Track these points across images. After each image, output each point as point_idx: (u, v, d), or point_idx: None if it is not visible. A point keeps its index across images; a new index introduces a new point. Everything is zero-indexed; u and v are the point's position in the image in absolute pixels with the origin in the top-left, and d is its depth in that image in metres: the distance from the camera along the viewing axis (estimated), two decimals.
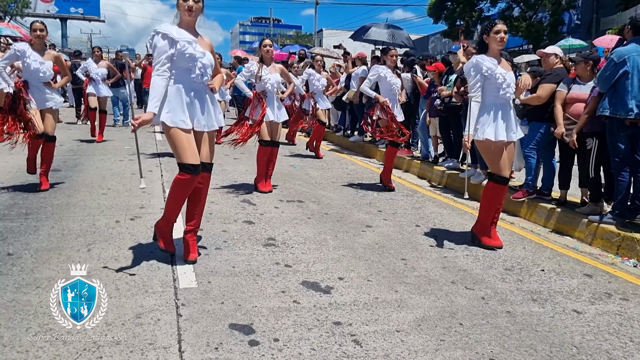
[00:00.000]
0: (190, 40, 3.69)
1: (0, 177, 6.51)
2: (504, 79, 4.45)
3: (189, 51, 3.65)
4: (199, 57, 3.72)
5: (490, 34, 4.47)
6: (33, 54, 5.68)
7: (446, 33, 28.38)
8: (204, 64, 3.75)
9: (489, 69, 4.42)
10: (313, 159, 9.50)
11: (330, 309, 3.29)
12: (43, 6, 45.27)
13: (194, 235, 4.03)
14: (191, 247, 3.97)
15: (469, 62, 4.59)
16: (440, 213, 5.98)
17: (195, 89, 3.80)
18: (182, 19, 3.76)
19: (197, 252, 3.99)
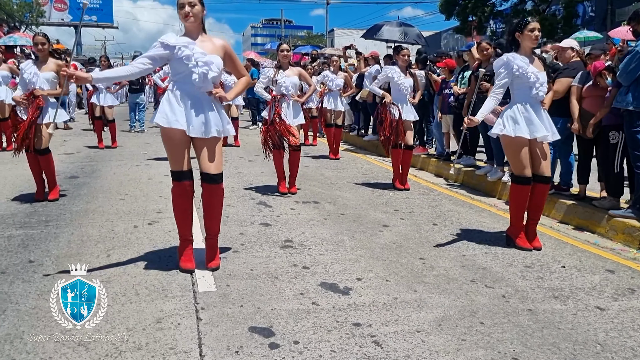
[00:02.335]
0: (186, 44, 3.61)
1: (20, 186, 6.60)
2: (536, 77, 4.35)
3: (185, 53, 3.58)
4: (198, 57, 3.60)
5: (524, 32, 4.36)
6: (31, 67, 5.69)
7: (458, 29, 28.20)
8: (205, 62, 3.61)
9: (520, 68, 4.33)
10: (328, 159, 9.49)
11: (349, 310, 3.28)
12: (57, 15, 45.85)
13: (214, 243, 3.97)
14: (212, 255, 3.93)
15: (499, 60, 4.50)
16: (458, 211, 5.93)
17: (196, 96, 3.68)
18: (184, 26, 3.73)
19: (218, 260, 3.95)
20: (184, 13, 3.62)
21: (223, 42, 3.84)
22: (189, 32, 3.72)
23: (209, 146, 3.77)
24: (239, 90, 4.11)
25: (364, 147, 11.12)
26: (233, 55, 3.90)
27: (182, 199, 3.82)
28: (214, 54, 3.70)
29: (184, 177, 3.76)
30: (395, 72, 6.68)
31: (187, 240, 3.92)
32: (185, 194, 3.80)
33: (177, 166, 3.75)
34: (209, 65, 3.62)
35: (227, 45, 3.85)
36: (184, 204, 3.83)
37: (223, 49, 3.80)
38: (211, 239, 3.97)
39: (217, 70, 3.68)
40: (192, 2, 3.63)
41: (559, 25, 23.16)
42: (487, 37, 18.35)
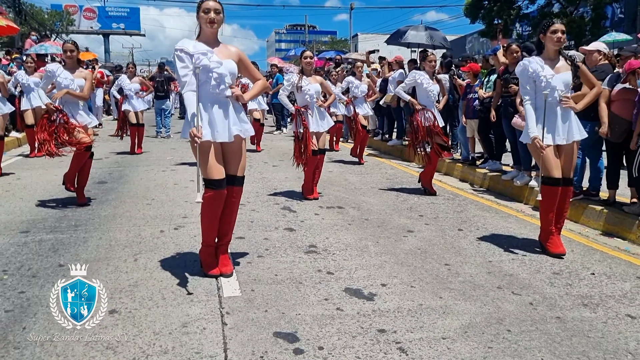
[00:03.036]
0: (205, 52, 3.66)
1: (50, 191, 6.75)
2: (547, 82, 4.30)
3: (203, 63, 3.61)
4: (214, 67, 3.64)
5: (547, 34, 4.33)
6: (64, 72, 5.85)
7: (484, 32, 27.95)
8: (220, 74, 3.67)
9: (534, 71, 4.31)
10: (352, 164, 9.48)
11: (374, 316, 3.27)
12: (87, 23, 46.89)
13: (226, 247, 4.00)
14: (224, 261, 3.94)
15: (519, 65, 4.49)
16: (483, 216, 5.87)
17: (216, 101, 3.73)
18: (203, 31, 3.75)
19: (231, 266, 3.95)
20: (209, 18, 3.67)
21: (236, 49, 3.93)
22: (207, 38, 3.76)
23: (232, 149, 3.83)
24: (255, 92, 4.15)
25: (388, 152, 11.08)
26: (246, 61, 3.98)
27: (216, 207, 3.81)
28: (230, 59, 3.78)
29: (221, 185, 3.76)
30: (424, 78, 6.67)
31: (211, 246, 3.95)
32: (219, 202, 3.81)
33: (214, 174, 3.75)
34: (223, 77, 3.69)
35: (240, 52, 3.93)
36: (215, 211, 3.83)
37: (237, 54, 3.88)
38: (225, 244, 3.99)
39: (230, 80, 3.75)
40: (218, 10, 3.70)
41: (587, 28, 22.77)
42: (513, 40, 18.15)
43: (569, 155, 4.50)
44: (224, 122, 3.72)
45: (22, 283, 3.69)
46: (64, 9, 43.55)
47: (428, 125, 6.66)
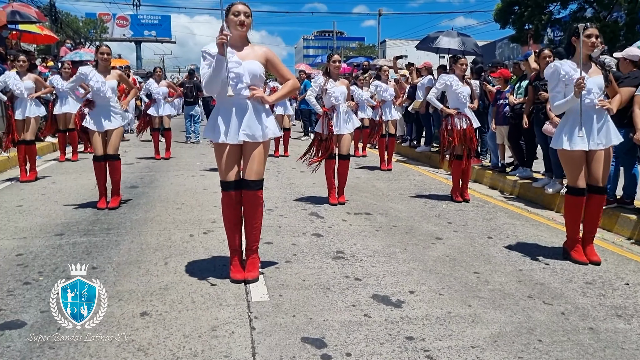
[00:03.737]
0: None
1: (84, 194, 6.91)
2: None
3: None
4: (232, 67, 3.66)
5: (581, 38, 4.27)
6: (96, 75, 6.00)
7: (514, 38, 27.61)
8: (237, 74, 3.69)
9: (566, 74, 4.24)
10: (380, 170, 9.46)
11: (402, 323, 3.26)
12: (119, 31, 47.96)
13: (252, 254, 4.01)
14: (250, 266, 3.96)
15: (548, 68, 4.43)
16: (513, 224, 5.79)
17: (234, 102, 3.74)
18: (232, 34, 3.75)
19: (257, 272, 3.96)
20: (238, 20, 3.71)
21: (265, 49, 3.92)
22: (234, 40, 3.78)
23: (247, 152, 3.84)
24: (284, 93, 4.08)
25: (416, 158, 11.02)
26: (275, 60, 3.93)
27: (229, 209, 3.90)
28: (255, 60, 3.77)
29: (229, 187, 3.84)
30: (454, 80, 6.65)
31: (236, 250, 3.99)
32: (231, 204, 3.88)
33: (223, 176, 3.86)
34: (240, 77, 3.70)
35: (268, 52, 3.91)
36: (231, 214, 3.91)
37: (264, 55, 3.87)
38: (249, 249, 4.01)
39: (248, 80, 3.74)
40: (247, 13, 3.75)
41: (621, 33, 22.29)
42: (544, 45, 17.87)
43: (604, 162, 4.40)
44: (236, 124, 3.75)
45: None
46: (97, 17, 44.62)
47: (465, 129, 6.60)
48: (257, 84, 3.82)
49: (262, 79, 3.91)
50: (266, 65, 3.88)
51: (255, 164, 3.83)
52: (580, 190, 4.38)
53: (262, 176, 3.90)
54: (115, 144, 6.12)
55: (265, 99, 3.84)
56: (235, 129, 3.75)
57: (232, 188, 3.85)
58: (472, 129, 6.70)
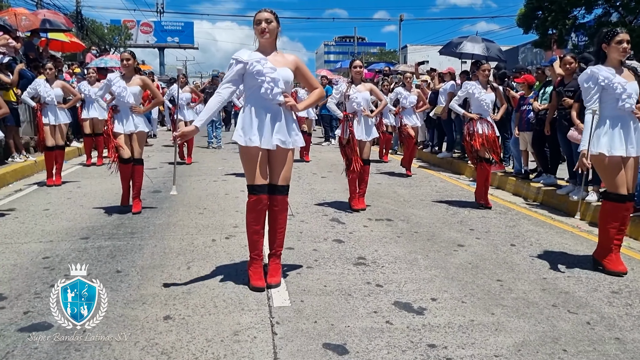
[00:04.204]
0: (259, 59, 3.74)
1: (108, 199, 7.01)
2: (623, 88, 4.14)
3: (256, 68, 3.70)
4: (267, 72, 3.71)
5: (611, 44, 4.18)
6: (119, 81, 6.12)
7: (537, 43, 27.31)
8: (272, 78, 3.72)
9: (605, 78, 4.16)
10: (401, 176, 9.43)
11: (424, 330, 3.24)
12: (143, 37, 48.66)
13: (276, 259, 4.03)
14: (273, 271, 3.98)
15: (584, 74, 4.34)
16: (537, 232, 5.71)
17: (268, 108, 3.79)
18: (259, 42, 3.86)
19: (279, 277, 3.98)
20: (260, 29, 3.76)
21: (294, 57, 3.96)
22: (263, 48, 3.85)
23: (276, 158, 3.87)
24: (312, 101, 4.19)
25: (438, 164, 10.96)
26: (304, 69, 3.98)
27: (255, 212, 3.90)
28: (286, 67, 3.82)
29: (257, 191, 3.86)
30: (476, 88, 6.60)
31: (258, 257, 3.99)
32: (258, 208, 3.89)
33: (250, 180, 3.87)
34: (276, 82, 3.74)
35: (298, 60, 3.95)
36: (255, 217, 3.91)
37: (294, 62, 3.91)
38: (273, 254, 4.04)
39: (283, 86, 3.77)
40: (269, 19, 3.78)
41: None
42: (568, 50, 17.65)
43: (634, 169, 4.33)
44: (270, 130, 3.78)
45: None
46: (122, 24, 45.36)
47: (487, 134, 6.56)
48: (287, 91, 3.88)
49: (291, 87, 3.98)
50: (295, 73, 3.91)
51: (285, 170, 3.89)
52: (621, 197, 4.27)
53: (289, 182, 3.96)
54: (139, 149, 6.23)
55: (297, 106, 3.90)
56: (269, 134, 3.78)
57: (261, 192, 3.86)
58: (494, 135, 6.64)
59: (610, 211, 4.34)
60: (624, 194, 4.27)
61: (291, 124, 3.88)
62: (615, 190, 4.28)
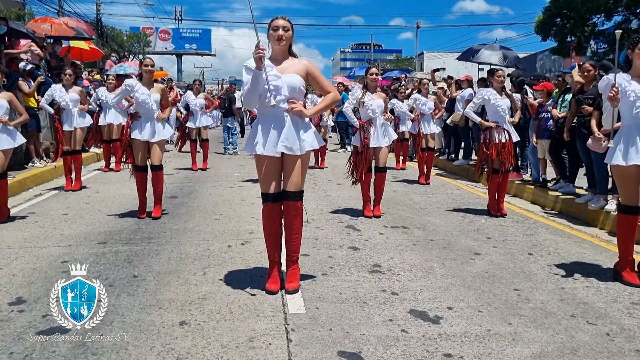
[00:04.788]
0: (265, 67, 3.72)
1: (126, 204, 7.08)
2: (636, 96, 4.09)
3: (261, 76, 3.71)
4: (271, 80, 3.70)
5: (635, 50, 4.13)
6: (141, 87, 6.15)
7: (555, 50, 27.06)
8: (275, 86, 3.72)
9: (619, 86, 4.12)
10: (417, 184, 9.39)
11: (440, 339, 3.21)
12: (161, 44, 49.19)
13: (292, 264, 4.03)
14: (290, 277, 3.99)
15: (602, 81, 4.29)
16: (555, 241, 5.64)
17: (273, 115, 3.79)
18: (272, 48, 3.87)
19: (297, 282, 3.98)
20: (277, 35, 3.78)
21: (306, 62, 3.96)
22: (275, 55, 3.88)
23: (287, 164, 3.88)
24: (324, 106, 4.14)
25: (454, 171, 10.90)
26: (316, 73, 3.95)
27: (269, 220, 3.95)
28: (295, 74, 3.81)
29: (269, 199, 3.90)
30: (492, 94, 6.56)
31: (274, 262, 4.02)
32: (271, 215, 3.92)
33: (264, 188, 3.92)
34: (278, 89, 3.74)
35: (310, 65, 3.95)
36: (271, 225, 3.95)
37: (305, 68, 3.89)
38: (289, 260, 4.04)
39: (286, 93, 3.77)
40: (286, 27, 3.80)
41: None
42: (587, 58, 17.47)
43: None
44: (275, 137, 3.79)
45: None
46: (141, 31, 45.93)
47: (503, 142, 6.51)
48: (296, 97, 3.85)
49: (301, 92, 3.92)
50: (307, 78, 3.91)
51: (295, 176, 3.87)
52: (634, 209, 4.22)
53: (301, 187, 3.94)
54: (159, 155, 6.27)
55: (304, 112, 3.87)
56: (274, 141, 3.78)
57: (272, 200, 3.90)
58: (511, 143, 6.59)
59: (624, 223, 4.29)
60: (635, 205, 4.21)
61: (300, 129, 3.85)
62: (630, 203, 4.23)
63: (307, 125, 3.94)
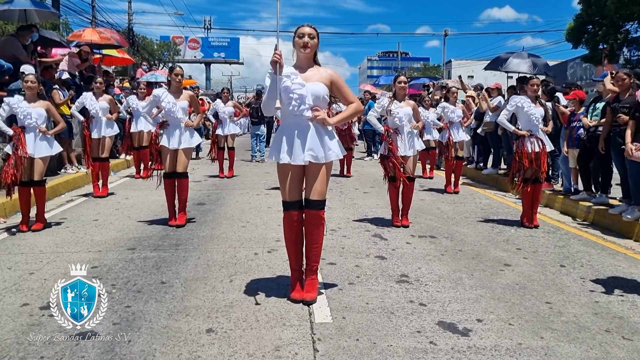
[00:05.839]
0: (289, 74, 3.74)
1: (154, 210, 7.17)
2: None
3: (285, 84, 3.71)
4: (295, 88, 3.71)
5: None
6: (168, 96, 6.22)
7: (587, 58, 26.55)
8: (300, 95, 3.72)
9: None
10: (445, 193, 9.28)
11: (469, 352, 3.14)
12: (191, 53, 49.91)
13: (311, 274, 3.99)
14: (309, 287, 3.95)
15: None
16: (588, 252, 5.50)
17: (297, 124, 3.79)
18: (297, 56, 3.86)
19: (315, 293, 3.93)
20: (302, 42, 3.78)
21: (331, 72, 3.94)
22: (300, 62, 3.88)
23: (310, 173, 3.87)
24: (345, 116, 4.11)
25: (483, 181, 10.75)
26: (340, 83, 3.94)
27: (289, 228, 3.94)
28: (319, 82, 3.80)
29: (290, 207, 3.89)
30: (525, 102, 6.44)
31: (297, 270, 4.01)
32: (292, 223, 3.91)
33: (284, 196, 3.92)
34: (303, 98, 3.74)
35: (334, 74, 3.93)
36: (291, 233, 3.95)
37: (329, 77, 3.88)
38: (308, 270, 4.00)
39: (311, 102, 3.76)
40: (312, 35, 3.80)
41: None
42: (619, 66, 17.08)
43: None
44: (300, 145, 3.78)
45: (128, 297, 3.92)
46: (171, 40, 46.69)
47: (537, 152, 6.38)
48: (320, 105, 3.84)
49: (325, 101, 3.91)
50: (331, 87, 3.89)
51: (319, 184, 3.85)
52: None
53: (324, 196, 3.91)
54: (184, 163, 6.32)
55: (327, 120, 3.86)
56: (300, 150, 3.78)
57: (294, 208, 3.90)
58: (545, 152, 6.45)
59: None
60: None
61: (324, 138, 3.84)
62: None
63: (331, 134, 3.92)
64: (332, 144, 3.87)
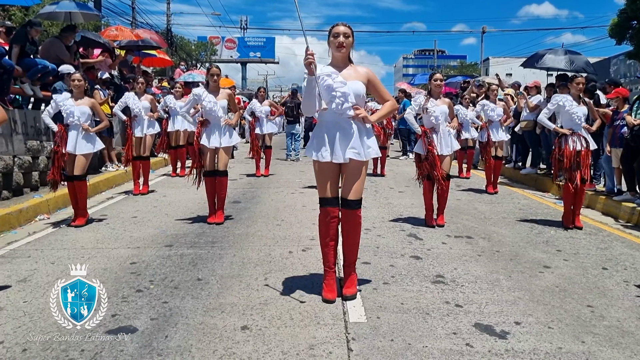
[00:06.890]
0: (329, 73, 3.75)
1: (191, 208, 7.28)
2: None
3: (327, 82, 3.72)
4: (337, 86, 3.72)
5: None
6: (208, 95, 6.29)
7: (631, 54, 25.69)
8: (343, 93, 3.73)
9: None
10: (483, 193, 9.12)
11: (507, 356, 3.08)
12: (227, 53, 50.46)
13: (350, 270, 4.01)
14: (347, 282, 3.97)
15: None
16: (632, 255, 5.32)
17: (339, 122, 3.79)
18: (333, 55, 3.86)
19: (354, 288, 3.95)
20: (337, 42, 3.78)
21: (366, 70, 3.94)
22: (336, 61, 3.87)
23: (349, 171, 3.85)
24: (383, 114, 4.14)
25: (521, 180, 10.53)
26: (376, 81, 3.95)
27: (325, 225, 3.93)
28: (357, 80, 3.80)
29: (327, 204, 3.89)
30: (567, 101, 6.27)
31: (330, 268, 3.99)
32: (328, 220, 3.90)
33: (321, 192, 3.92)
34: (346, 96, 3.73)
35: (370, 72, 3.94)
36: (325, 230, 3.94)
37: (366, 75, 3.89)
38: (347, 266, 4.01)
39: (353, 100, 3.76)
40: (347, 34, 3.79)
41: None
42: None
43: None
44: (342, 144, 3.78)
45: (165, 293, 3.99)
46: (208, 40, 47.35)
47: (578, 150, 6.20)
48: (360, 103, 3.84)
49: (364, 99, 3.92)
50: (367, 86, 3.89)
51: (357, 184, 3.85)
52: None
53: (361, 195, 3.91)
54: (224, 161, 6.41)
55: (368, 118, 3.86)
56: (341, 148, 3.78)
57: (331, 204, 3.89)
58: (588, 152, 6.26)
59: None
60: None
61: (364, 136, 3.85)
62: None
63: (369, 132, 3.93)
64: (370, 142, 3.89)
